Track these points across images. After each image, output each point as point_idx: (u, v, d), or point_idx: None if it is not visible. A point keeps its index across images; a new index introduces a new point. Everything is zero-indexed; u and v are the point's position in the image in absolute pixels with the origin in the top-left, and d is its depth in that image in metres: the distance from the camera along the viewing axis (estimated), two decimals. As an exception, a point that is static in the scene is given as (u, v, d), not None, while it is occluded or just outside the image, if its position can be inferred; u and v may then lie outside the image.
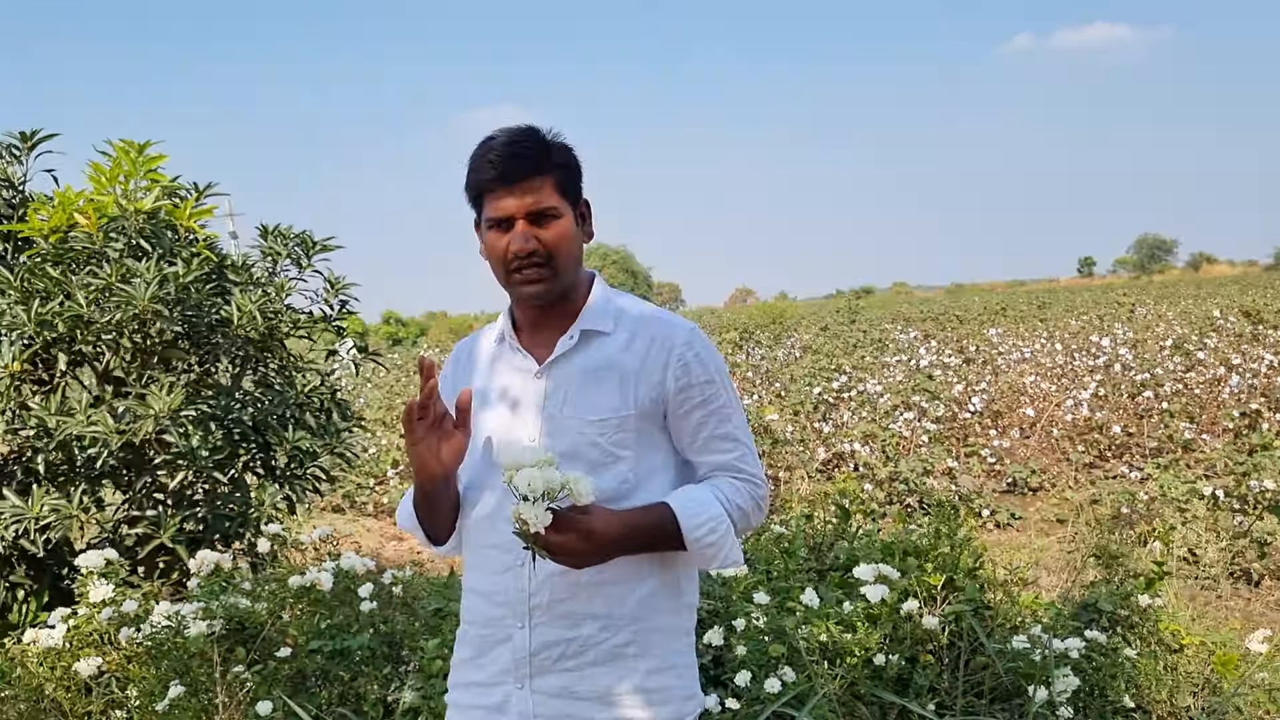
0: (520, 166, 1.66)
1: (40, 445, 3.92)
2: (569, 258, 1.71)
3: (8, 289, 3.97)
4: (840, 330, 19.42)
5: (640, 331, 1.75)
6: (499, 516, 1.68)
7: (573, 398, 1.72)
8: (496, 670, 1.73)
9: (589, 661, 1.69)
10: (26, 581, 4.13)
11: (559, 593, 1.67)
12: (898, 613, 2.96)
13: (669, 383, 1.72)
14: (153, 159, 4.31)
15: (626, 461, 1.71)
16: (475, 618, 1.77)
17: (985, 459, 8.68)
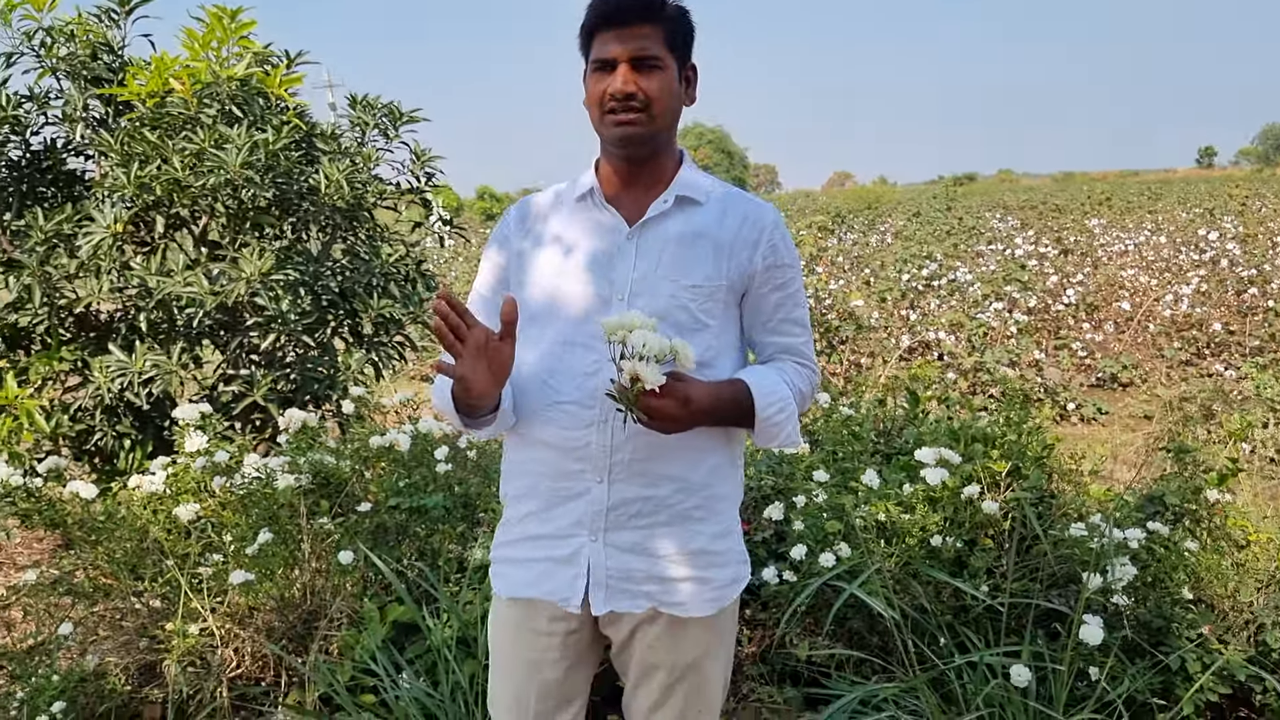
0: (632, 10, 1.66)
1: (142, 304, 4.11)
2: (667, 111, 1.71)
3: (110, 151, 4.12)
4: (934, 217, 18.93)
5: (731, 208, 1.79)
6: (584, 372, 1.71)
7: (667, 260, 1.74)
8: (568, 523, 1.76)
9: (661, 521, 1.75)
10: (132, 431, 4.39)
11: (641, 452, 1.72)
12: (958, 497, 2.99)
13: (757, 261, 1.77)
14: (244, 25, 4.37)
15: (712, 331, 1.75)
16: (546, 470, 1.76)
17: (1075, 352, 8.51)
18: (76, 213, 4.14)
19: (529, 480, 1.80)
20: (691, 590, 1.78)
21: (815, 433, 3.94)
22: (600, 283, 1.74)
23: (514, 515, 1.85)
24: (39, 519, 3.30)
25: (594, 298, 1.73)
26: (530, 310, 1.77)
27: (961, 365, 7.73)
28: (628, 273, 1.73)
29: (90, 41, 4.38)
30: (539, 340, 1.76)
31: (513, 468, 1.85)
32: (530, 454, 1.79)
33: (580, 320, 1.73)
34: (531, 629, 1.84)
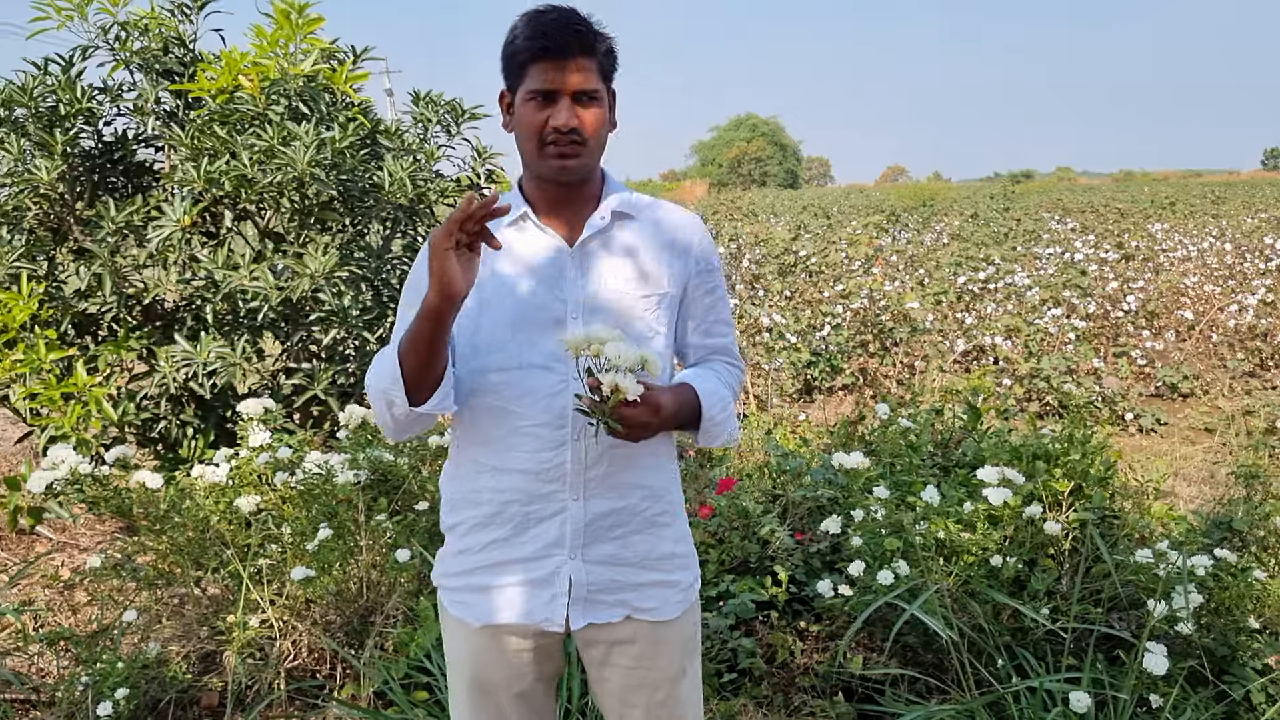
0: (575, 43, 1.65)
1: (208, 296, 4.18)
2: (600, 142, 1.73)
3: (180, 145, 4.18)
4: (992, 217, 18.68)
5: (662, 219, 1.85)
6: (548, 393, 1.71)
7: (614, 275, 1.77)
8: (543, 544, 1.77)
9: (633, 530, 1.80)
10: (195, 420, 4.47)
11: (614, 465, 1.76)
12: (1020, 516, 2.95)
13: (691, 266, 1.85)
14: (312, 21, 4.41)
15: (661, 338, 1.81)
16: (517, 496, 1.76)
17: (1135, 360, 8.36)
18: (145, 204, 4.22)
19: (492, 508, 1.78)
20: (662, 594, 1.85)
21: (873, 444, 3.91)
22: (553, 303, 1.74)
23: (473, 544, 1.81)
24: (105, 506, 3.37)
25: (548, 319, 1.74)
26: (479, 338, 1.74)
27: (1017, 371, 7.63)
28: (578, 291, 1.75)
29: (163, 35, 4.45)
30: (491, 367, 1.74)
31: (468, 496, 1.81)
32: (492, 481, 1.77)
33: (536, 342, 1.73)
34: (499, 649, 1.84)
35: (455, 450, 1.85)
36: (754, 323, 8.08)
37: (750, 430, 4.89)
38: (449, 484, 1.87)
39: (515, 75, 1.70)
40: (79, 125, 4.33)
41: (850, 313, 8.45)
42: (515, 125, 1.73)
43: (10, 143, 4.13)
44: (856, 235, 13.80)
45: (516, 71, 1.69)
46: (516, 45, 1.67)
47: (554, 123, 1.66)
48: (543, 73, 1.65)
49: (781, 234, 12.92)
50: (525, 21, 1.68)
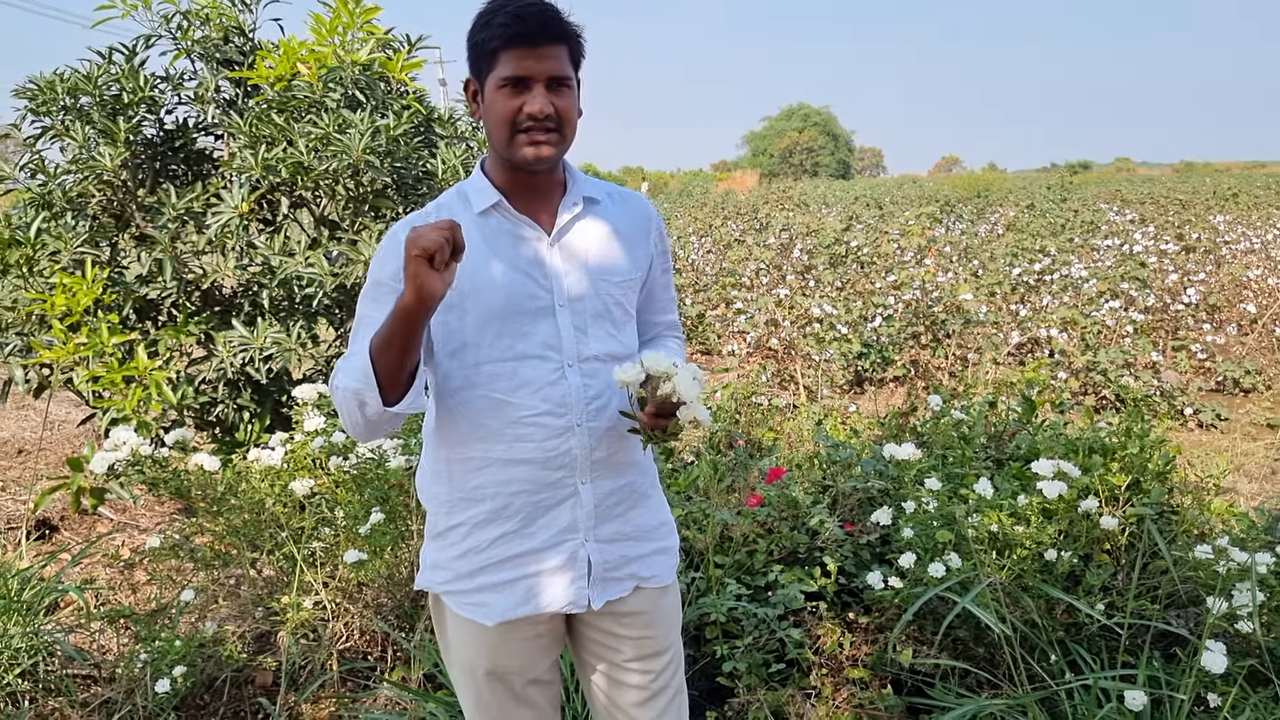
0: (547, 29, 1.64)
1: (264, 282, 4.24)
2: (573, 129, 1.73)
3: (239, 133, 4.24)
4: (1048, 208, 18.37)
5: (623, 202, 1.89)
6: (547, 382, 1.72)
7: (594, 261, 1.79)
8: (555, 531, 1.78)
9: (630, 505, 1.87)
10: (251, 404, 4.54)
11: (612, 446, 1.80)
12: (1075, 510, 2.90)
13: (652, 247, 1.91)
14: (369, 10, 4.45)
15: (632, 320, 1.88)
16: (524, 488, 1.75)
17: (1195, 354, 8.19)
18: (205, 191, 4.29)
19: (497, 502, 1.77)
20: (661, 561, 1.93)
21: (924, 435, 3.87)
22: (539, 291, 1.74)
23: (479, 542, 1.80)
24: (165, 488, 3.44)
25: (536, 308, 1.74)
26: (465, 331, 1.72)
27: (1073, 365, 7.51)
28: (560, 278, 1.76)
29: (223, 25, 4.52)
30: (483, 360, 1.73)
31: (468, 495, 1.79)
32: (495, 475, 1.76)
33: (527, 332, 1.73)
34: (517, 640, 1.85)
35: (439, 449, 1.82)
36: (805, 313, 8.03)
37: (800, 420, 4.86)
38: (436, 484, 1.84)
39: (485, 62, 1.68)
40: (141, 113, 4.41)
41: (902, 304, 8.37)
42: (485, 113, 1.71)
43: (76, 130, 4.22)
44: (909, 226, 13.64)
45: (487, 58, 1.67)
46: (488, 32, 1.65)
47: (529, 109, 1.65)
48: (516, 59, 1.64)
49: (833, 224, 12.82)
50: (495, 7, 1.66)
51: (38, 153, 4.34)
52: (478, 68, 1.71)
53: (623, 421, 1.76)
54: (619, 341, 1.81)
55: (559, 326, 1.74)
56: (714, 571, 3.22)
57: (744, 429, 4.55)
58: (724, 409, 5.02)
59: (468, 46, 1.72)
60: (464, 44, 1.72)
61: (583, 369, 1.75)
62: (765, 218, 16.20)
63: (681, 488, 3.66)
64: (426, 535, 1.90)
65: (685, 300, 10.30)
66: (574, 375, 1.74)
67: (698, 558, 3.40)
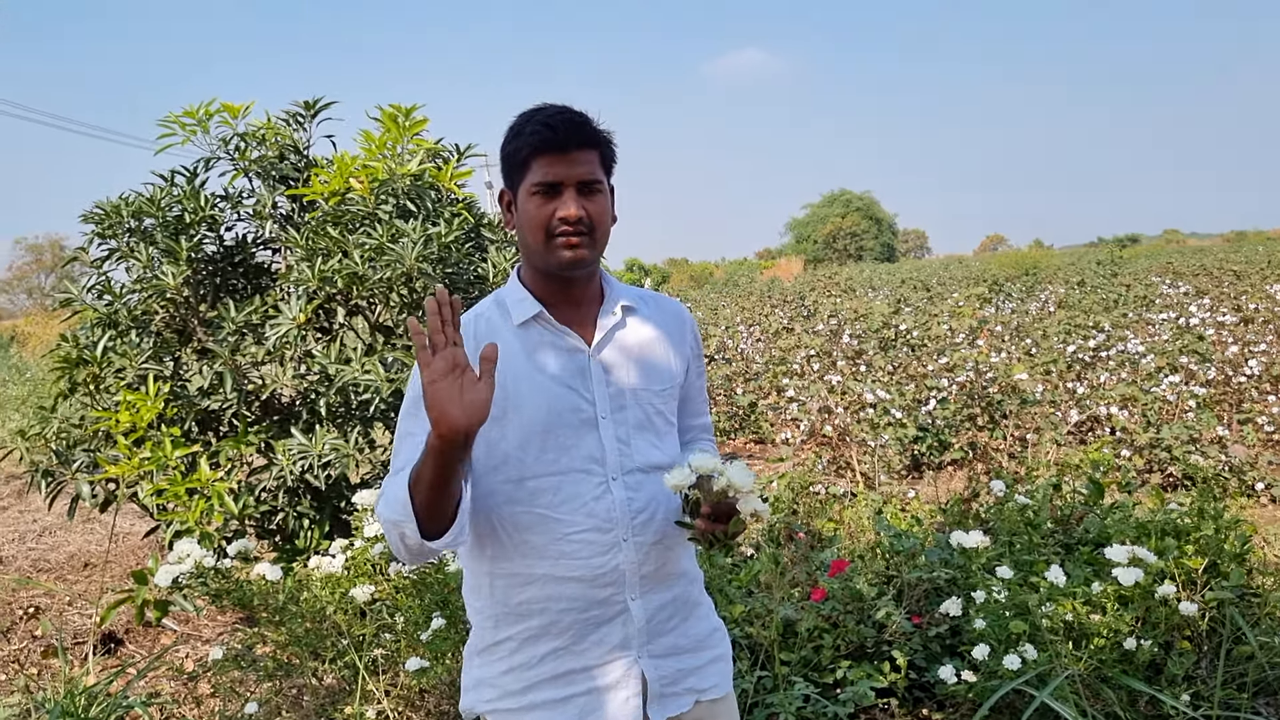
0: (576, 135, 1.66)
1: (321, 390, 4.32)
2: (606, 234, 1.73)
3: (295, 247, 4.37)
4: (1100, 283, 18.22)
5: (659, 307, 1.89)
6: (592, 497, 1.69)
7: (634, 371, 1.78)
8: (607, 648, 1.73)
9: (683, 617, 1.83)
10: (311, 511, 4.58)
11: (660, 559, 1.76)
12: (1151, 596, 2.81)
13: (688, 352, 1.90)
14: (417, 124, 4.60)
15: (675, 427, 1.87)
16: (573, 605, 1.71)
17: (1261, 427, 7.98)
18: (264, 304, 4.40)
19: (545, 619, 1.72)
20: (719, 670, 1.88)
21: (989, 521, 3.79)
22: (581, 404, 1.71)
23: (528, 658, 1.74)
24: (228, 599, 3.46)
25: (578, 421, 1.71)
26: (506, 445, 1.69)
27: (1136, 442, 7.35)
28: (603, 389, 1.74)
29: (278, 144, 4.69)
30: (527, 474, 1.69)
31: (515, 610, 1.74)
32: (541, 591, 1.71)
33: (571, 446, 1.70)
34: None
35: (483, 563, 1.76)
36: (857, 399, 7.97)
37: (859, 509, 4.79)
38: (480, 598, 1.79)
39: (517, 171, 1.70)
40: (203, 232, 4.57)
41: (956, 386, 8.28)
42: (519, 221, 1.71)
43: (140, 251, 4.37)
44: (960, 307, 13.58)
45: (519, 168, 1.69)
46: (519, 141, 1.67)
47: (561, 213, 1.65)
48: (546, 165, 1.65)
49: (881, 308, 12.80)
50: (524, 119, 1.69)
51: (104, 274, 4.49)
52: (510, 178, 1.73)
53: (671, 533, 1.73)
54: (662, 452, 1.78)
55: (602, 439, 1.72)
56: (780, 669, 3.15)
57: (803, 520, 4.49)
58: (781, 499, 4.96)
59: (501, 158, 1.74)
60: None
61: (627, 482, 1.72)
62: (813, 304, 16.23)
63: (743, 583, 3.60)
64: (468, 653, 1.83)
65: (736, 389, 10.28)
66: (618, 489, 1.71)
67: (762, 655, 3.33)
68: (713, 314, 18.32)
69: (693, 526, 1.65)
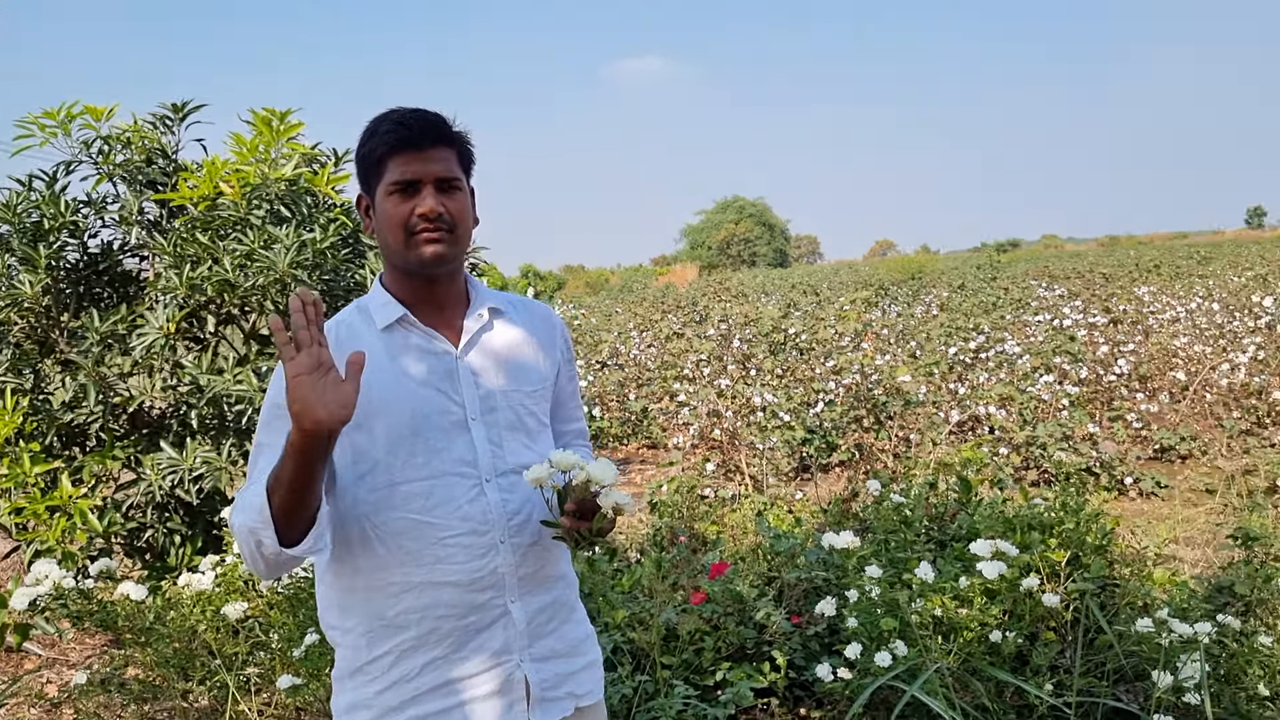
0: (432, 133, 1.65)
1: (193, 401, 4.18)
2: (467, 232, 1.72)
3: (163, 253, 4.22)
4: (979, 287, 18.82)
5: (529, 310, 1.88)
6: (467, 499, 1.67)
7: (503, 372, 1.76)
8: (489, 654, 1.71)
9: (561, 620, 1.82)
10: (182, 528, 4.42)
11: (538, 561, 1.75)
12: (1017, 589, 2.90)
13: (558, 355, 1.89)
14: (292, 127, 4.49)
15: (549, 429, 1.85)
16: (451, 611, 1.67)
17: (1130, 424, 8.34)
18: (130, 313, 4.24)
19: (422, 628, 1.67)
20: (592, 675, 1.87)
21: (867, 521, 3.87)
22: (451, 406, 1.69)
23: (407, 672, 1.69)
24: (91, 621, 3.32)
25: (450, 423, 1.69)
26: (375, 451, 1.65)
27: (1013, 440, 7.60)
28: (472, 391, 1.72)
29: (145, 147, 4.52)
30: (398, 480, 1.66)
31: (389, 622, 1.68)
32: (419, 599, 1.67)
33: (442, 449, 1.67)
34: None
35: (354, 577, 1.69)
36: (746, 403, 8.06)
37: (744, 512, 4.84)
38: (350, 617, 1.72)
39: (373, 173, 1.67)
40: (63, 239, 4.37)
41: (843, 388, 8.44)
42: (378, 223, 1.69)
43: (-6, 259, 4.17)
44: (845, 311, 13.87)
45: (374, 168, 1.67)
46: (374, 142, 1.66)
47: (420, 209, 1.63)
48: (403, 164, 1.64)
49: (771, 312, 12.99)
50: (378, 121, 1.67)
51: (-44, 283, 4.27)
52: (367, 181, 1.70)
53: (548, 535, 1.70)
54: (535, 453, 1.76)
55: (474, 441, 1.69)
56: (661, 673, 3.16)
57: (687, 523, 4.52)
58: (669, 504, 4.99)
59: (356, 162, 1.71)
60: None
61: (501, 484, 1.70)
62: (704, 309, 16.37)
63: (625, 588, 3.60)
64: (337, 677, 1.76)
65: (629, 395, 10.31)
66: (493, 491, 1.69)
67: (644, 659, 3.33)
68: (607, 320, 18.34)
69: (558, 524, 1.63)
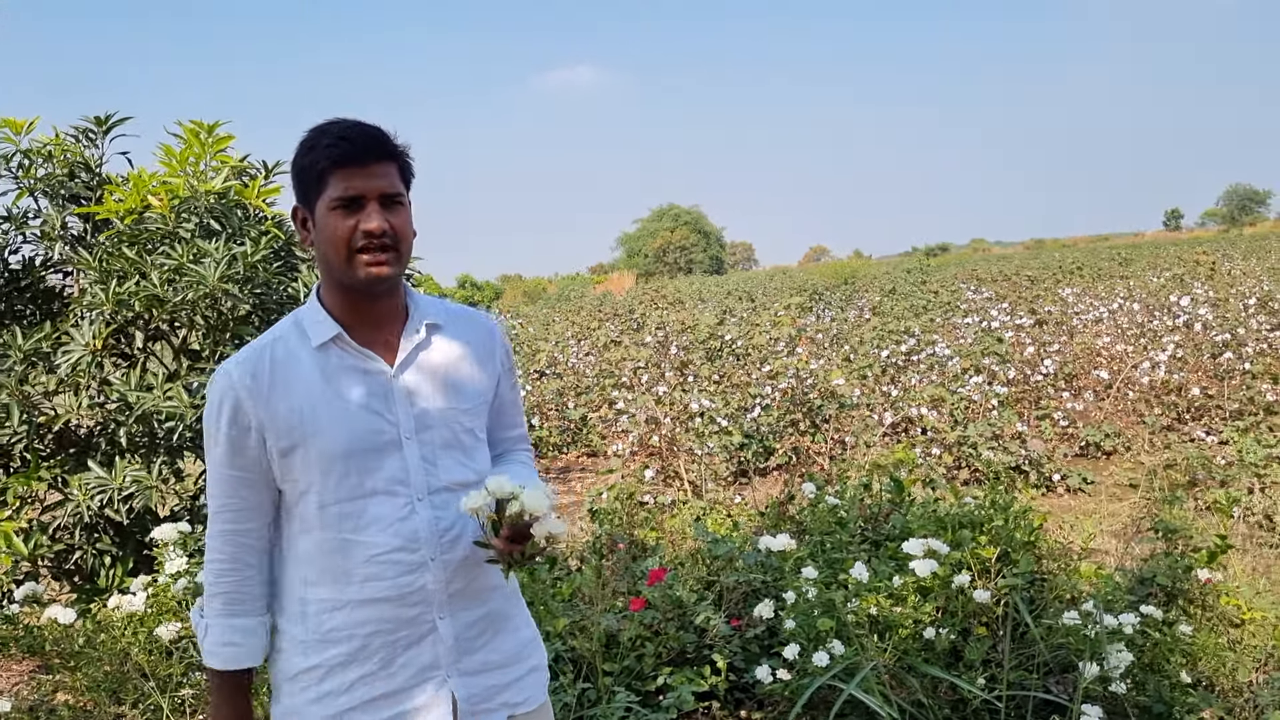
0: (375, 148, 1.64)
1: (121, 419, 4.09)
2: (409, 246, 1.72)
3: (87, 269, 4.13)
4: (910, 291, 19.14)
5: (465, 322, 1.87)
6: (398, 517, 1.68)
7: (439, 390, 1.76)
8: (417, 669, 1.72)
9: (494, 632, 1.81)
10: (112, 548, 4.33)
11: (468, 576, 1.75)
12: (949, 586, 2.97)
13: (497, 366, 1.88)
14: (221, 140, 4.43)
15: (483, 443, 1.85)
16: (380, 628, 1.69)
17: (1057, 422, 8.54)
18: (55, 330, 4.14)
19: (354, 644, 1.69)
20: (532, 682, 1.87)
21: (803, 523, 3.92)
22: (384, 426, 1.69)
23: (336, 686, 1.71)
24: (16, 647, 3.24)
25: (381, 443, 1.69)
26: (309, 474, 1.67)
27: (945, 440, 7.75)
28: (407, 410, 1.72)
29: (68, 161, 4.43)
30: (329, 500, 1.67)
31: (324, 637, 1.71)
32: (349, 616, 1.69)
33: (374, 468, 1.68)
34: None
35: (294, 589, 1.74)
36: (684, 409, 8.11)
37: (682, 517, 4.88)
38: (294, 624, 1.74)
39: (313, 186, 1.65)
40: (-17, 255, 4.26)
41: (779, 393, 8.53)
42: (318, 238, 1.67)
43: (-91, 276, 4.05)
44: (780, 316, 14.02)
45: (314, 182, 1.65)
46: (314, 155, 1.64)
47: (365, 226, 1.62)
48: (346, 179, 1.62)
49: (707, 319, 13.08)
50: (318, 133, 1.65)
51: None
52: (306, 194, 1.68)
53: (479, 551, 1.71)
54: (470, 469, 1.77)
55: (406, 460, 1.70)
56: (603, 680, 3.17)
57: (626, 530, 4.54)
58: (608, 511, 5.00)
59: (293, 174, 1.70)
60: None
61: (433, 501, 1.71)
62: (641, 317, 16.44)
63: (565, 596, 3.61)
64: (276, 680, 1.78)
65: (568, 404, 10.30)
66: (424, 509, 1.70)
67: (585, 667, 3.34)
68: (545, 329, 18.31)
69: (491, 547, 1.65)
